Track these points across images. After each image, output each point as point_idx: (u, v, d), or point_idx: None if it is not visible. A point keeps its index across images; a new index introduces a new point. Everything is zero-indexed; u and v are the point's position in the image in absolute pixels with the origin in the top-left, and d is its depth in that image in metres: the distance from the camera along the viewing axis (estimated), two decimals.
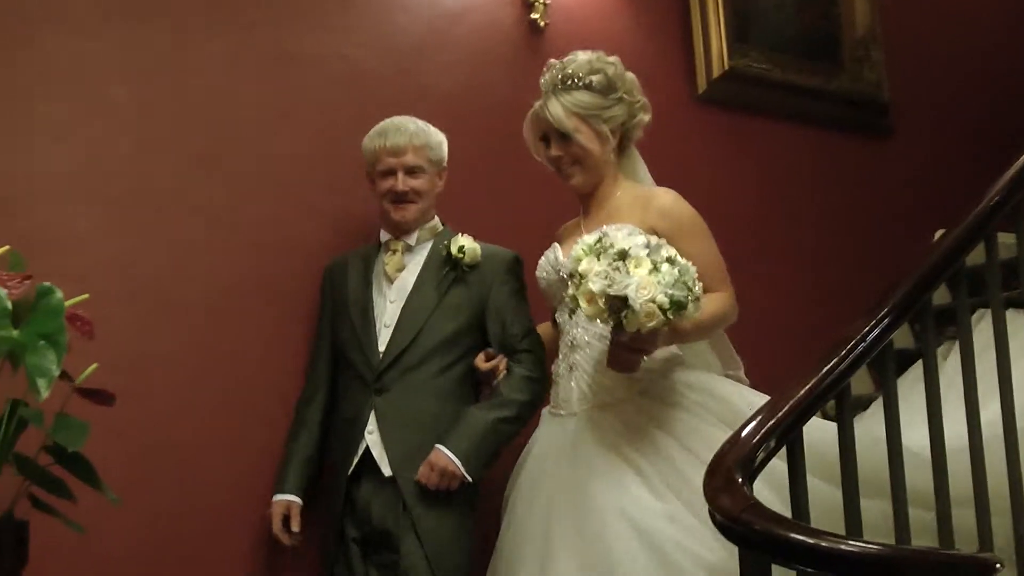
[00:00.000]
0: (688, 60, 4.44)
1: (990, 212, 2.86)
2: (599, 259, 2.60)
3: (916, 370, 3.04)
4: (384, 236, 3.32)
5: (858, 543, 2.08)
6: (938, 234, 4.28)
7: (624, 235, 2.69)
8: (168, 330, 3.17)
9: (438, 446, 3.05)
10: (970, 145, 5.10)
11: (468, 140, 3.55)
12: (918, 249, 2.95)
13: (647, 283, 2.53)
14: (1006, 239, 3.06)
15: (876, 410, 3.00)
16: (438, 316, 3.19)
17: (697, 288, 2.61)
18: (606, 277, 2.55)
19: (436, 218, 3.35)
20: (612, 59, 3.13)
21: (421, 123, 3.29)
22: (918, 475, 2.60)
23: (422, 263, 3.28)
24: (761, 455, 2.24)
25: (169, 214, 3.23)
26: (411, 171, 3.23)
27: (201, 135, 3.32)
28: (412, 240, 3.30)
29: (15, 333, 2.32)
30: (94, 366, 2.58)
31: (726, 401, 2.87)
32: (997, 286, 2.89)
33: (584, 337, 2.98)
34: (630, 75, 3.15)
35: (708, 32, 4.41)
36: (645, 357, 2.79)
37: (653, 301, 2.52)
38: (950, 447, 2.66)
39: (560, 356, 3.07)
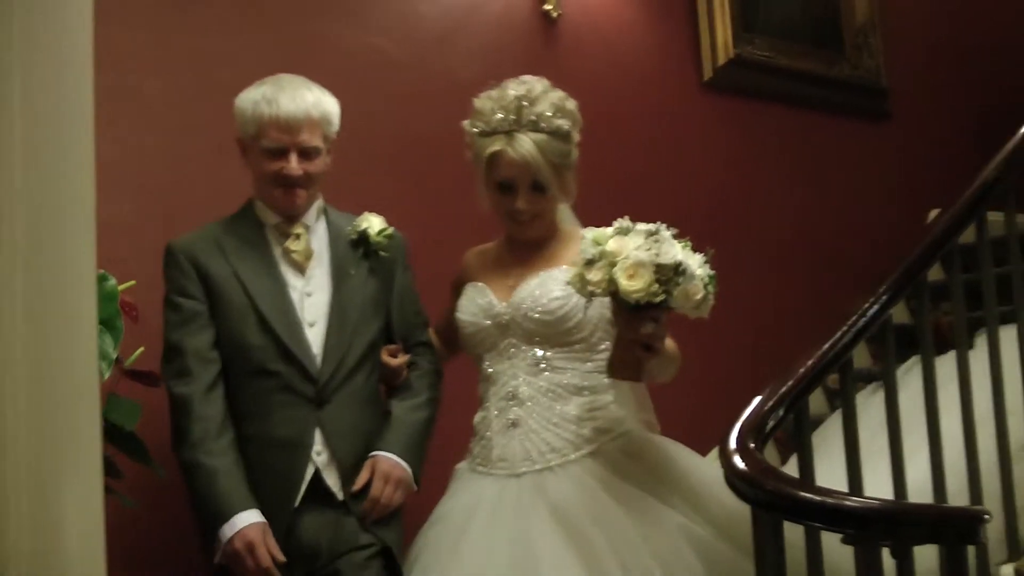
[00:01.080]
0: (695, 48, 4.57)
1: (980, 195, 3.04)
2: (628, 237, 2.35)
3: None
4: (273, 217, 2.79)
5: (861, 499, 2.29)
6: (933, 214, 4.48)
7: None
8: None
9: (386, 454, 2.68)
10: (965, 128, 5.26)
11: None
12: (915, 228, 3.10)
13: (688, 256, 2.34)
14: (995, 217, 3.24)
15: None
16: (365, 312, 2.77)
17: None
18: (649, 248, 2.31)
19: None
20: (564, 93, 2.76)
21: (317, 89, 2.78)
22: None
23: (327, 248, 2.81)
24: (771, 422, 2.42)
25: (202, 201, 3.33)
26: (306, 153, 2.70)
27: (231, 125, 3.44)
28: (310, 220, 2.81)
29: None
30: (141, 349, 2.70)
31: (678, 469, 2.61)
32: (989, 263, 3.09)
33: (528, 391, 2.65)
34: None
35: (714, 20, 4.54)
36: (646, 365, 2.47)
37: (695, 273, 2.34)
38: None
39: (492, 409, 2.70)
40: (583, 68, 4.15)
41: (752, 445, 2.28)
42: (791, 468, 3.04)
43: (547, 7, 4.11)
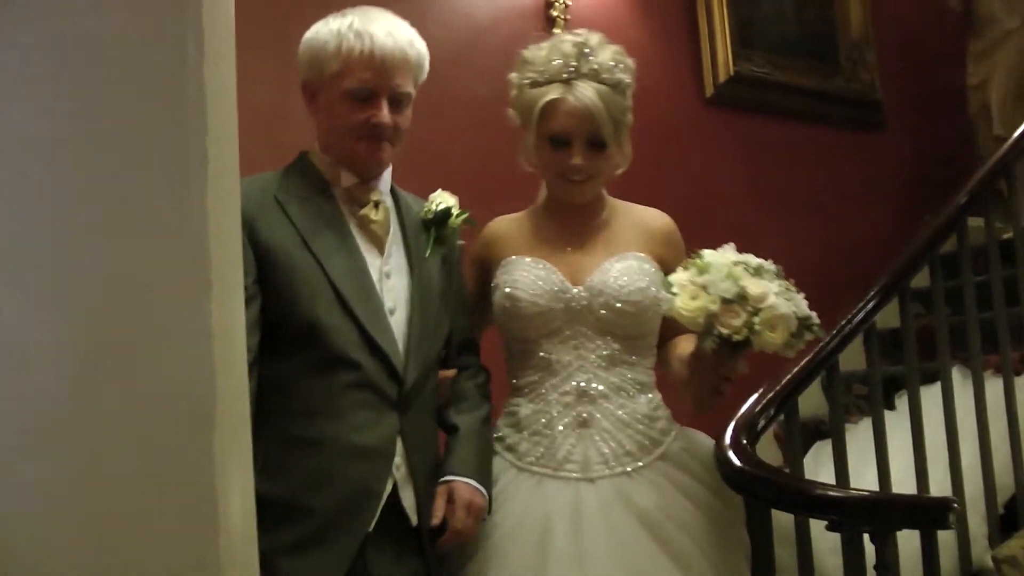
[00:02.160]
0: (696, 66, 4.78)
1: (962, 208, 3.26)
2: (764, 280, 2.23)
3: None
4: (348, 178, 2.29)
5: (843, 489, 2.51)
6: None
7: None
8: None
9: (465, 480, 2.24)
10: (955, 138, 5.46)
11: (499, 143, 3.86)
12: (909, 235, 3.30)
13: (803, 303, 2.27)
14: (975, 223, 3.45)
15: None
16: (442, 305, 2.34)
17: None
18: (789, 299, 2.23)
19: None
20: (621, 47, 2.53)
21: (407, 26, 2.32)
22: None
23: (398, 226, 2.34)
24: (763, 421, 2.64)
25: None
26: (397, 101, 2.25)
27: (257, 147, 3.62)
28: (384, 187, 2.34)
29: None
30: None
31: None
32: (969, 270, 3.32)
33: (599, 387, 2.41)
34: None
35: (715, 39, 4.74)
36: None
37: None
38: None
39: (555, 405, 2.42)
40: None
41: (745, 442, 2.48)
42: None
43: (555, 31, 4.30)
